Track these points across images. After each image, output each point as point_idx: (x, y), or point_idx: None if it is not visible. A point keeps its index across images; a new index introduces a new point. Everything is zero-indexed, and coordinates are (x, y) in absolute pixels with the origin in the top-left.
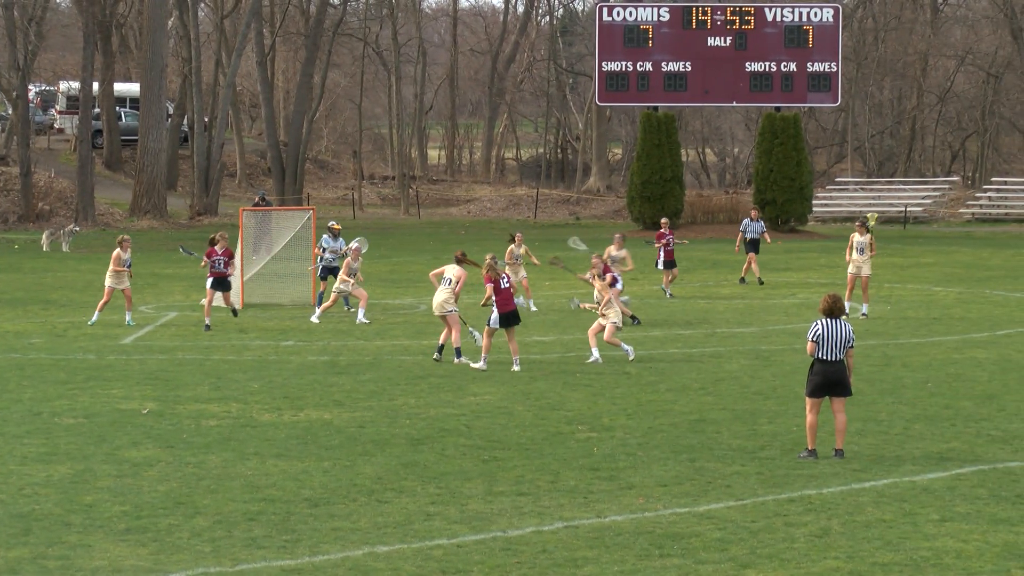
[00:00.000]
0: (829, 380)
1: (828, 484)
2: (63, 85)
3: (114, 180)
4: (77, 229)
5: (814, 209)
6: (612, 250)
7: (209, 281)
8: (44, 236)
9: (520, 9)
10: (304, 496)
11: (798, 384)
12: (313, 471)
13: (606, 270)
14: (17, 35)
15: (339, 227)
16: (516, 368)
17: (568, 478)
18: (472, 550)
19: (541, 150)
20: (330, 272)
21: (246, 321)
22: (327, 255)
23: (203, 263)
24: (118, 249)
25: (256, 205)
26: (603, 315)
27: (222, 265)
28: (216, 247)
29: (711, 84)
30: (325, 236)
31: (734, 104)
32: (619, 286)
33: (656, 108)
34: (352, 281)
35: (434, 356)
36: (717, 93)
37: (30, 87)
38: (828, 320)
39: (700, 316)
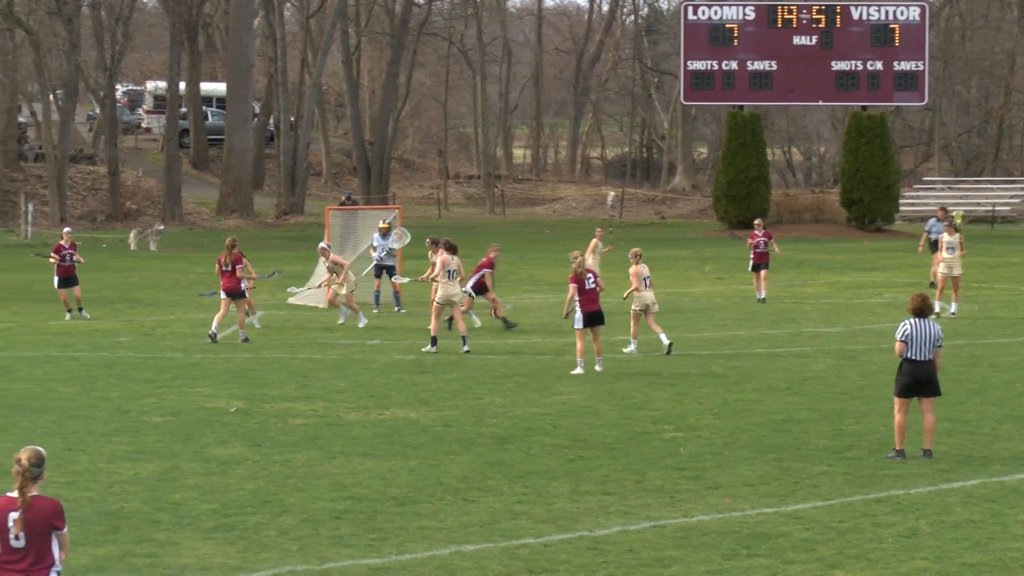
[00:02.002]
0: (918, 380)
1: (915, 484)
2: (150, 85)
3: (201, 179)
4: (163, 228)
5: (901, 208)
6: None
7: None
8: (132, 235)
9: (605, 8)
10: (390, 495)
11: (884, 384)
12: (399, 470)
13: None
14: (104, 35)
15: (387, 225)
16: (599, 368)
17: (654, 478)
18: (558, 549)
19: (626, 149)
20: (383, 270)
21: (332, 320)
22: (377, 253)
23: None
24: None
25: (342, 204)
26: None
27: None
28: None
29: (797, 83)
30: (376, 235)
31: (820, 103)
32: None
33: (742, 107)
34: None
35: (430, 348)
36: (803, 92)
37: (117, 87)
38: (917, 320)
39: (786, 316)
